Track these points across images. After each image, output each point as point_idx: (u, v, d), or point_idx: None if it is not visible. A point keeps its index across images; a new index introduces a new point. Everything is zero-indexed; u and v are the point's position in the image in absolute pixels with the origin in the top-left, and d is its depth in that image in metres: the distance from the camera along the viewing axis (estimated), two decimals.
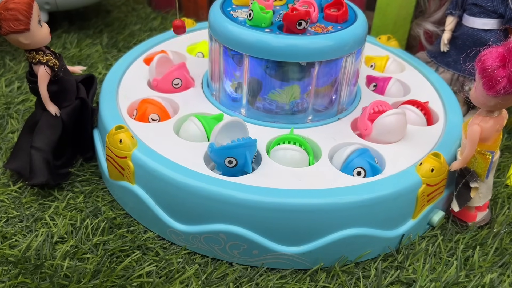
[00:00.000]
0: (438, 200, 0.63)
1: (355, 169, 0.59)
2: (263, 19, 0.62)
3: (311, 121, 0.68)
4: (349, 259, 0.59)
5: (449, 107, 0.72)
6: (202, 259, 0.59)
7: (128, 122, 0.65)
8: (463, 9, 0.80)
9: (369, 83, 0.77)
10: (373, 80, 0.77)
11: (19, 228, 0.62)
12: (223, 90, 0.69)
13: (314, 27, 0.64)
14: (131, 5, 1.24)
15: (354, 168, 0.59)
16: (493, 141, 0.59)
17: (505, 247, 0.62)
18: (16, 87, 0.88)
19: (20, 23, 0.59)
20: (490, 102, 0.54)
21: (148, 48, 0.83)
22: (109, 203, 0.67)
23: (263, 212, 0.55)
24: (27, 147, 0.67)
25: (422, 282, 0.57)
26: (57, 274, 0.55)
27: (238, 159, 0.57)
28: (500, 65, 0.51)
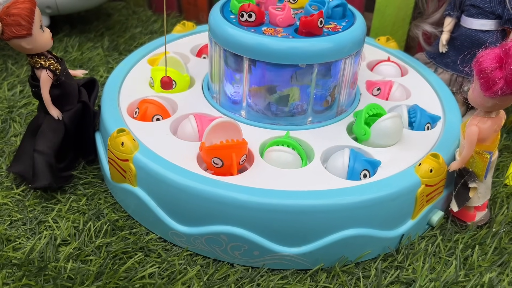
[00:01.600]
0: (437, 200, 0.63)
1: (361, 173, 0.60)
2: None
3: (310, 123, 0.68)
4: (349, 259, 0.60)
5: (448, 108, 0.72)
6: (203, 260, 0.60)
7: (130, 125, 0.66)
8: (461, 10, 0.80)
9: (370, 87, 0.77)
10: (375, 85, 0.77)
11: (23, 230, 0.63)
12: (223, 92, 0.70)
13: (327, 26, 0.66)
14: (131, 8, 1.24)
15: (359, 173, 0.60)
16: (491, 142, 0.59)
17: (504, 246, 0.62)
18: (19, 91, 0.89)
19: (22, 28, 0.59)
20: (487, 103, 0.55)
21: (149, 51, 0.84)
22: (112, 205, 0.67)
23: (263, 214, 0.56)
24: (30, 151, 0.67)
25: (421, 282, 0.57)
26: (60, 276, 0.56)
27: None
28: (497, 66, 0.52)
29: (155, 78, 0.72)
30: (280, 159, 0.61)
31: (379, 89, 0.76)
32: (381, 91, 0.76)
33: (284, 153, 0.62)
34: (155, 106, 0.69)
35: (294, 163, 0.61)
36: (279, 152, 0.62)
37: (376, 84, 0.77)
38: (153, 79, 0.73)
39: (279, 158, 0.61)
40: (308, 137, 0.65)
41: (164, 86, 0.68)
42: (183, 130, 0.66)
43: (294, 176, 0.59)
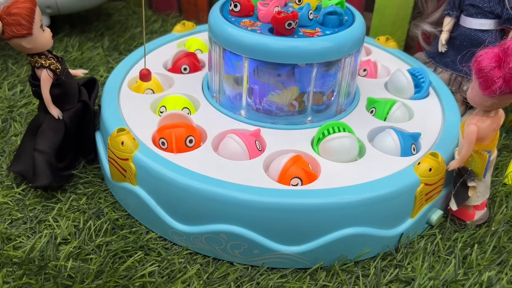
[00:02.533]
0: (437, 199, 0.63)
1: (411, 147, 0.62)
2: None
3: (310, 122, 0.68)
4: (349, 258, 0.60)
5: (447, 107, 0.73)
6: (203, 259, 0.60)
7: (130, 124, 0.66)
8: (460, 10, 0.80)
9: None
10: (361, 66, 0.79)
11: (23, 229, 0.63)
12: (223, 92, 0.70)
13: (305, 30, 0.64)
14: (131, 8, 1.24)
15: (410, 147, 0.62)
16: (490, 141, 0.59)
17: (503, 245, 0.63)
18: (19, 90, 0.89)
19: (23, 28, 0.60)
20: (486, 102, 0.55)
21: (149, 51, 0.84)
22: (112, 204, 0.67)
23: (263, 212, 0.56)
24: (30, 150, 0.68)
25: (421, 280, 0.58)
26: (60, 275, 0.56)
27: None
28: (496, 65, 0.52)
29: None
30: (343, 146, 0.61)
31: (365, 70, 0.78)
32: (367, 71, 0.78)
33: (345, 138, 0.61)
34: (185, 129, 0.64)
35: (355, 147, 0.62)
36: (339, 139, 0.61)
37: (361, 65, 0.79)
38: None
39: (342, 145, 0.61)
40: (310, 136, 0.65)
41: (143, 78, 0.69)
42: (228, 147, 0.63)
43: (258, 173, 0.59)
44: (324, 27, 0.66)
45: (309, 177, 0.59)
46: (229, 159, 0.61)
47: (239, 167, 0.60)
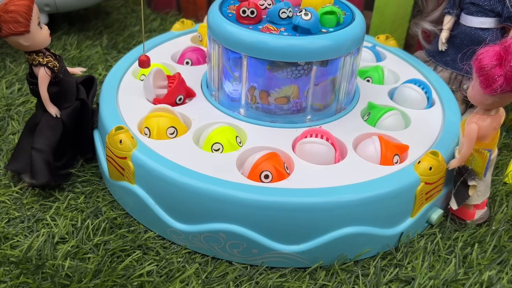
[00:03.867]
0: (437, 198, 0.63)
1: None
2: None
3: (310, 121, 0.68)
4: (348, 257, 0.59)
5: (447, 106, 0.72)
6: (202, 258, 0.60)
7: (128, 123, 0.66)
8: (460, 8, 0.80)
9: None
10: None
11: (21, 228, 0.62)
12: (222, 90, 0.70)
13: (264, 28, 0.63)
14: (130, 7, 1.24)
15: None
16: (491, 139, 0.59)
17: (504, 244, 0.62)
18: (17, 88, 0.88)
19: (20, 25, 0.59)
20: (487, 101, 0.55)
21: (148, 49, 0.83)
22: (110, 203, 0.67)
23: (262, 211, 0.56)
24: (28, 148, 0.67)
25: (421, 280, 0.57)
26: (58, 274, 0.56)
27: None
28: (497, 63, 0.51)
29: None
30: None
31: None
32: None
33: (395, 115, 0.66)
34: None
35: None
36: (391, 116, 0.66)
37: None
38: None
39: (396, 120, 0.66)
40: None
41: (141, 64, 0.68)
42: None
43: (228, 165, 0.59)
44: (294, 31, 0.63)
45: (279, 175, 0.58)
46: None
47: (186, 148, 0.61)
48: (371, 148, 0.62)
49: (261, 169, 0.58)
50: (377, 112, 0.69)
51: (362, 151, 0.63)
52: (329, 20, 0.65)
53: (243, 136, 0.65)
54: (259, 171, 0.58)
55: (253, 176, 0.58)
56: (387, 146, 0.62)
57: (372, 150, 0.62)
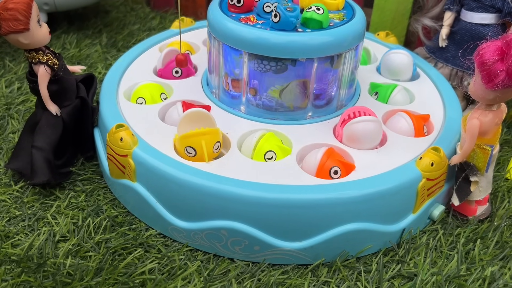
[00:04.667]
0: (438, 194, 0.63)
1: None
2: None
3: (310, 117, 0.68)
4: (350, 254, 0.59)
5: (448, 102, 0.72)
6: (204, 256, 0.60)
7: (129, 120, 0.66)
8: (461, 4, 0.80)
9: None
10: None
11: (21, 227, 0.62)
12: (222, 87, 0.70)
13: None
14: (129, 5, 1.24)
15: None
16: (493, 135, 0.59)
17: (506, 240, 0.62)
18: (16, 87, 0.88)
19: (20, 23, 0.59)
20: (489, 96, 0.54)
21: (147, 47, 0.83)
22: (111, 201, 0.67)
23: (264, 208, 0.55)
24: (28, 147, 0.67)
25: (423, 276, 0.57)
26: (59, 272, 0.56)
27: None
28: (499, 58, 0.51)
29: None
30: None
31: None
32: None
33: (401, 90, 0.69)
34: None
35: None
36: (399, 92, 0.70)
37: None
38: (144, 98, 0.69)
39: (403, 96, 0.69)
40: (308, 132, 0.65)
41: (179, 63, 0.71)
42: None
43: (293, 170, 0.58)
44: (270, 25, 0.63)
45: (345, 167, 0.59)
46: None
47: (242, 162, 0.59)
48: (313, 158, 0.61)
49: (329, 166, 0.58)
50: (385, 90, 0.72)
51: None
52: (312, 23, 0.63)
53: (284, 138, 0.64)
54: (328, 168, 0.58)
55: (321, 174, 0.58)
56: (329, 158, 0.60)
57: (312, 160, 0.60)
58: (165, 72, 0.76)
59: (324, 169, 0.59)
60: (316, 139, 0.64)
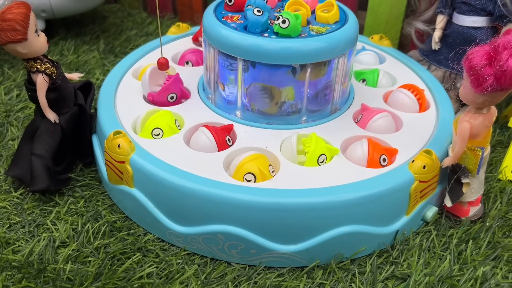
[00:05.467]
0: (431, 196, 0.64)
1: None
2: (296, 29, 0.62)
3: (305, 122, 0.69)
4: (345, 256, 0.60)
5: (441, 105, 0.73)
6: (201, 260, 0.61)
7: (126, 127, 0.67)
8: (452, 7, 0.81)
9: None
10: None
11: (22, 233, 0.63)
12: (218, 93, 0.71)
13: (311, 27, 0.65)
14: (126, 11, 1.25)
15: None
16: (483, 137, 0.60)
17: (498, 240, 0.63)
18: (15, 95, 0.89)
19: (18, 33, 0.60)
20: (478, 100, 0.56)
21: (145, 53, 0.84)
22: (109, 207, 0.68)
23: (259, 212, 0.56)
24: (27, 154, 0.68)
25: (416, 277, 0.58)
26: (60, 278, 0.57)
27: None
28: (487, 63, 0.52)
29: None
30: None
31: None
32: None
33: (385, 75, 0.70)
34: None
35: None
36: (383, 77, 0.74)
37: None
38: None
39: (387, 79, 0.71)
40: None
41: (161, 67, 0.71)
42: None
43: (288, 174, 0.60)
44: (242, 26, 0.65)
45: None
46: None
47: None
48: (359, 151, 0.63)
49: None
50: (371, 75, 0.77)
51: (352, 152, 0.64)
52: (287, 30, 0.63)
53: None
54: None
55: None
56: (374, 148, 0.63)
57: (359, 153, 0.63)
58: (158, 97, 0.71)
59: (374, 159, 0.62)
60: None
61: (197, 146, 0.64)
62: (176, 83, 0.72)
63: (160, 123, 0.66)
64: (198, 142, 0.64)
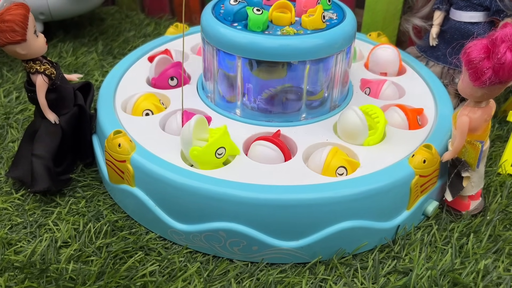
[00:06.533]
0: (432, 190, 0.64)
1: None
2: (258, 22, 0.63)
3: (305, 119, 0.69)
4: (347, 251, 0.60)
5: (439, 100, 0.73)
6: (203, 257, 0.61)
7: (126, 126, 0.67)
8: (450, 3, 0.81)
9: (363, 86, 0.77)
10: (367, 84, 0.77)
11: (23, 234, 0.63)
12: (217, 91, 0.71)
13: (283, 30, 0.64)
14: (124, 12, 1.25)
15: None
16: (482, 131, 0.60)
17: (499, 233, 0.63)
18: (15, 97, 0.89)
19: (17, 34, 0.60)
20: (477, 93, 0.56)
21: (143, 54, 0.84)
22: (111, 206, 0.68)
23: (260, 209, 0.57)
24: (28, 155, 0.68)
25: (418, 271, 0.58)
26: (62, 277, 0.57)
27: None
28: (485, 56, 0.53)
29: None
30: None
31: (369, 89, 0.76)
32: (371, 90, 0.75)
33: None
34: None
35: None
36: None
37: (369, 82, 0.77)
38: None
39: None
40: (304, 132, 0.66)
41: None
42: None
43: (289, 171, 0.60)
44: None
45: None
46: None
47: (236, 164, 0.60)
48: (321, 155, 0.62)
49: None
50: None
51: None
52: None
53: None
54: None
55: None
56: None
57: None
58: (159, 82, 0.76)
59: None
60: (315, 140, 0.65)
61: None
62: (176, 67, 0.74)
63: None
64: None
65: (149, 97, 0.71)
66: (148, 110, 0.70)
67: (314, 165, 0.61)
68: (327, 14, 0.68)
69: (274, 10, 0.66)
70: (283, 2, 0.66)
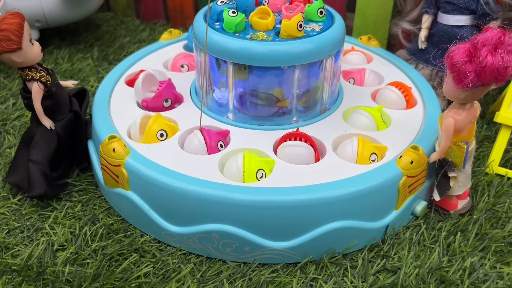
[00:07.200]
0: (420, 190, 0.66)
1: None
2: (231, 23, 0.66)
3: (296, 122, 0.71)
4: (337, 251, 0.62)
5: (428, 102, 0.75)
6: (197, 258, 0.62)
7: (120, 132, 0.68)
8: (437, 7, 0.83)
9: (346, 78, 0.81)
10: (349, 75, 0.81)
11: (21, 238, 0.65)
12: (210, 96, 0.72)
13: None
14: (119, 18, 1.26)
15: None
16: (468, 132, 0.62)
17: (485, 232, 0.65)
18: (11, 103, 0.91)
19: (12, 43, 0.62)
20: (460, 95, 0.57)
21: (138, 59, 0.86)
22: (106, 210, 0.69)
23: (252, 211, 0.58)
24: (24, 161, 0.69)
25: (407, 269, 0.60)
26: (59, 280, 0.58)
27: None
28: (467, 60, 0.54)
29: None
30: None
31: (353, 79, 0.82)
32: (355, 80, 0.81)
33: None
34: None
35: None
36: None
37: (350, 73, 0.82)
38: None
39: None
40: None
41: None
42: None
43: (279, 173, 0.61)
44: None
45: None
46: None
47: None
48: (349, 149, 0.65)
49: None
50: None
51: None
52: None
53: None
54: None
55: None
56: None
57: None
58: (152, 103, 0.72)
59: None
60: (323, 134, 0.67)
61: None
62: (169, 88, 0.74)
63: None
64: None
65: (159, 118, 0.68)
66: (162, 130, 0.67)
67: (347, 157, 0.64)
68: (311, 25, 0.68)
69: (254, 15, 0.68)
70: (264, 9, 0.67)
